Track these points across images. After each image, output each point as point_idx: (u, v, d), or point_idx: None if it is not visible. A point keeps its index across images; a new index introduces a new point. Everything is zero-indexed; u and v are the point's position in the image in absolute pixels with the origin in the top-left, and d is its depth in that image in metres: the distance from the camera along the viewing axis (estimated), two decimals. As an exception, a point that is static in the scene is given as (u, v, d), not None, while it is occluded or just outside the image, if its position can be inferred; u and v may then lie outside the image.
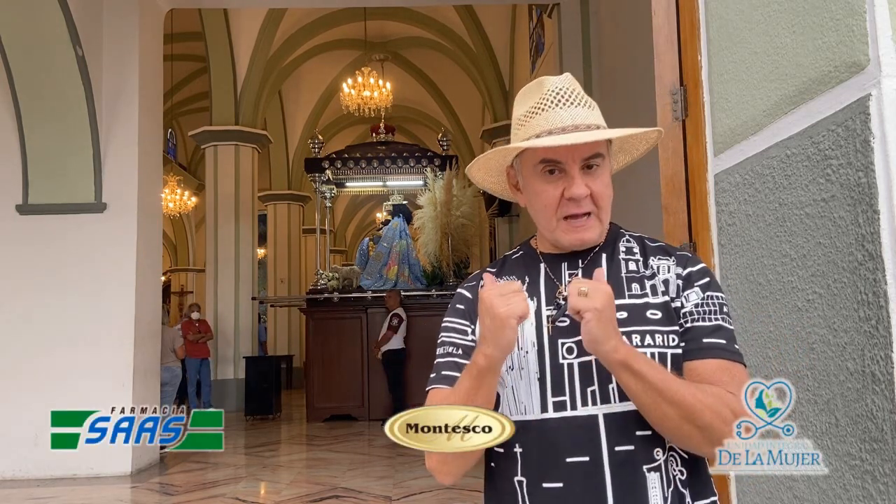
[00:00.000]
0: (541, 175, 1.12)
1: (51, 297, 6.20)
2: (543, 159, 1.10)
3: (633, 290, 1.10)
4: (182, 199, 15.11)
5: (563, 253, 1.17)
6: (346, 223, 23.20)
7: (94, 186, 6.34)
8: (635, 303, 1.09)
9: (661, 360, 1.05)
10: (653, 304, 1.09)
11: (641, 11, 3.75)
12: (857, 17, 1.19)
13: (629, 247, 1.17)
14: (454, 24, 12.58)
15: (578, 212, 1.10)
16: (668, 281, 1.11)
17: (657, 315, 1.08)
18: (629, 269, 1.13)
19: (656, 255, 1.14)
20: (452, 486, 5.19)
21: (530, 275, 1.17)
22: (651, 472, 1.02)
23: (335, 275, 10.18)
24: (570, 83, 1.13)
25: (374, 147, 11.01)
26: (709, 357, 1.05)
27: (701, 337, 1.06)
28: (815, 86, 1.32)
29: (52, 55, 5.89)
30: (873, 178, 1.15)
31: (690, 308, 1.09)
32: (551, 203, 1.11)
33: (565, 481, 1.03)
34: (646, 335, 1.06)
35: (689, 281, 1.11)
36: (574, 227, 1.11)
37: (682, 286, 1.10)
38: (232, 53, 11.74)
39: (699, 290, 1.10)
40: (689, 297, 1.09)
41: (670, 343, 1.07)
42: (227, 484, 5.62)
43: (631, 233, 1.20)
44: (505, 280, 1.13)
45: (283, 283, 14.86)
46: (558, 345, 1.08)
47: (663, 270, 1.12)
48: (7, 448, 5.97)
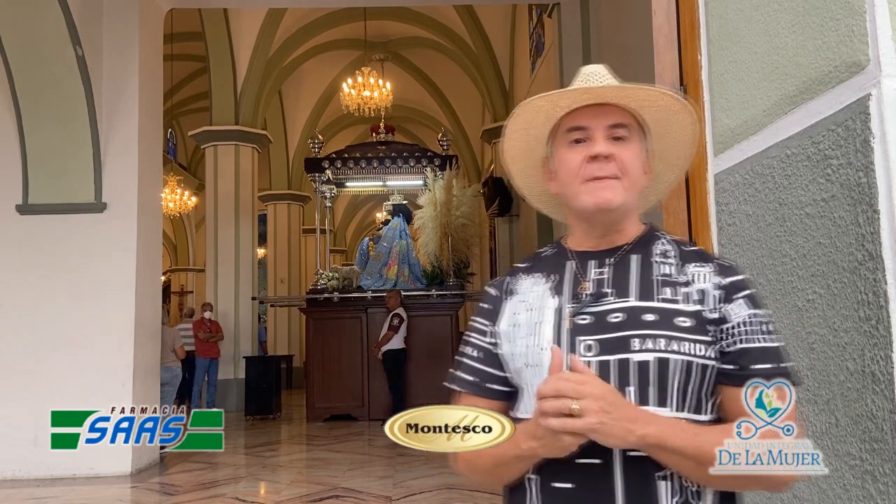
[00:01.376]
0: (567, 145, 1.12)
1: (51, 297, 6.20)
2: (570, 127, 1.11)
3: (664, 294, 1.06)
4: (182, 199, 15.11)
5: (592, 251, 1.14)
6: (346, 223, 23.19)
7: (94, 186, 6.34)
8: (665, 307, 1.05)
9: (686, 368, 1.01)
10: (684, 311, 1.04)
11: (641, 11, 3.75)
12: (857, 17, 1.19)
13: (664, 250, 1.12)
14: (454, 24, 12.58)
15: (600, 174, 1.08)
16: (706, 291, 1.05)
17: (686, 322, 1.03)
18: (662, 273, 1.09)
19: (694, 261, 1.09)
20: (452, 486, 5.20)
21: (558, 272, 1.15)
22: (661, 481, 1.00)
23: (335, 275, 10.17)
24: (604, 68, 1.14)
25: (374, 147, 11.00)
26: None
27: (749, 364, 1.01)
28: (815, 86, 1.32)
29: (52, 55, 5.89)
30: (873, 178, 1.15)
31: (736, 325, 1.03)
32: (574, 167, 1.10)
33: (575, 482, 1.02)
34: (672, 341, 1.02)
35: (729, 292, 1.05)
36: (597, 186, 1.08)
37: (722, 297, 1.05)
38: (232, 53, 11.74)
39: (744, 304, 1.04)
40: (733, 311, 1.04)
41: (697, 352, 1.02)
42: (227, 484, 5.62)
43: (669, 236, 1.16)
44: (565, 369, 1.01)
45: (283, 283, 14.85)
46: (577, 342, 1.05)
47: (700, 279, 1.07)
48: (7, 448, 5.97)
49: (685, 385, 1.02)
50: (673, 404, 1.01)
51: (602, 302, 1.07)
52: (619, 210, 1.10)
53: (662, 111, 1.14)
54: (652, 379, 1.01)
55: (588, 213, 1.11)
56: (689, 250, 1.12)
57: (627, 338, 1.03)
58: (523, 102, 1.14)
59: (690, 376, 1.02)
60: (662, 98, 1.12)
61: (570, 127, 1.12)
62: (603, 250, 1.13)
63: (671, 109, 1.13)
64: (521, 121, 1.16)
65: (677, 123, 1.15)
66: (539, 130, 1.17)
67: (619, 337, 1.04)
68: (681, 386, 1.01)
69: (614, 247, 1.13)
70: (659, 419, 0.97)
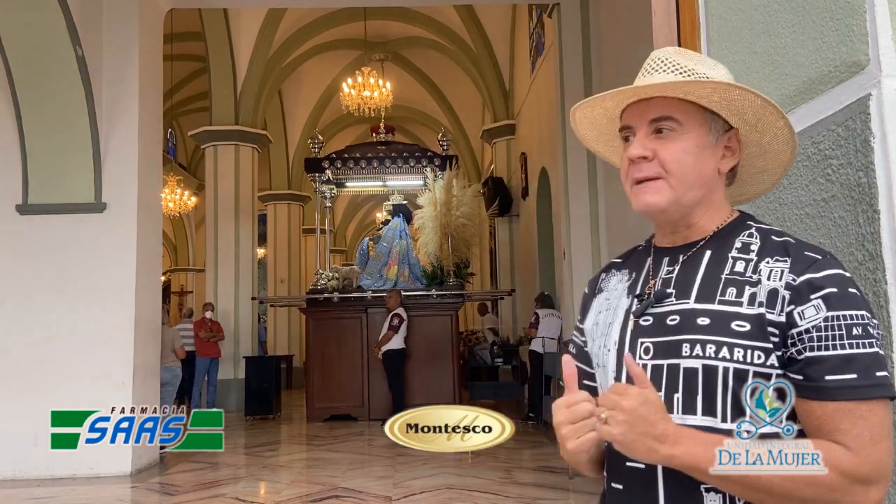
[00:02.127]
0: (622, 143, 1.09)
1: (51, 297, 6.20)
2: (621, 126, 1.09)
3: (726, 296, 0.97)
4: (182, 199, 15.11)
5: (669, 247, 1.08)
6: (346, 223, 23.20)
7: (94, 186, 6.34)
8: (723, 310, 0.96)
9: (739, 377, 0.93)
10: (743, 314, 0.94)
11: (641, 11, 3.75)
12: (857, 17, 1.19)
13: (747, 243, 1.01)
14: (454, 24, 12.58)
15: (639, 176, 1.03)
16: (776, 291, 0.93)
17: (744, 327, 0.94)
18: (734, 270, 0.98)
19: (773, 255, 0.97)
20: (452, 486, 5.20)
21: (637, 269, 1.12)
22: (711, 493, 0.93)
23: (335, 275, 10.17)
24: (667, 53, 1.06)
25: (374, 147, 11.00)
26: (828, 399, 0.88)
27: (822, 374, 0.89)
28: (815, 86, 1.32)
29: (52, 55, 5.89)
30: (873, 178, 1.15)
31: (806, 329, 0.90)
32: (624, 167, 1.07)
33: (625, 484, 1.01)
34: (723, 346, 0.94)
35: (800, 292, 0.92)
36: (639, 189, 1.03)
37: (791, 298, 0.92)
38: (232, 53, 11.74)
39: (821, 305, 0.90)
40: (805, 314, 0.91)
41: (755, 360, 0.93)
42: (227, 484, 5.62)
43: (762, 226, 1.03)
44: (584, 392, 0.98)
45: (283, 283, 14.85)
46: (637, 344, 1.02)
47: (773, 277, 0.95)
48: (7, 448, 5.97)
49: (739, 395, 0.93)
50: (723, 415, 0.94)
51: (664, 303, 1.02)
52: (670, 210, 1.04)
53: (727, 101, 1.03)
54: (699, 387, 0.96)
55: (650, 217, 1.08)
56: (775, 241, 0.99)
57: (679, 342, 0.98)
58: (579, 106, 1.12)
59: (744, 385, 0.93)
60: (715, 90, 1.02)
61: (622, 125, 1.09)
62: (678, 246, 1.07)
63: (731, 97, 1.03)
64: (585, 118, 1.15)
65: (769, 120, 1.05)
66: (608, 124, 1.15)
67: (672, 341, 0.99)
68: (734, 396, 0.94)
69: (689, 242, 1.06)
70: (695, 438, 0.90)
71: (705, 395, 0.95)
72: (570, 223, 7.90)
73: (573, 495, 4.94)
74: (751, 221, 1.05)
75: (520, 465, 6.20)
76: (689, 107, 1.03)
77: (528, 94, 11.29)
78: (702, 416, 0.95)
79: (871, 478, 0.85)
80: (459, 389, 9.73)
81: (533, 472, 5.89)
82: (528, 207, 11.52)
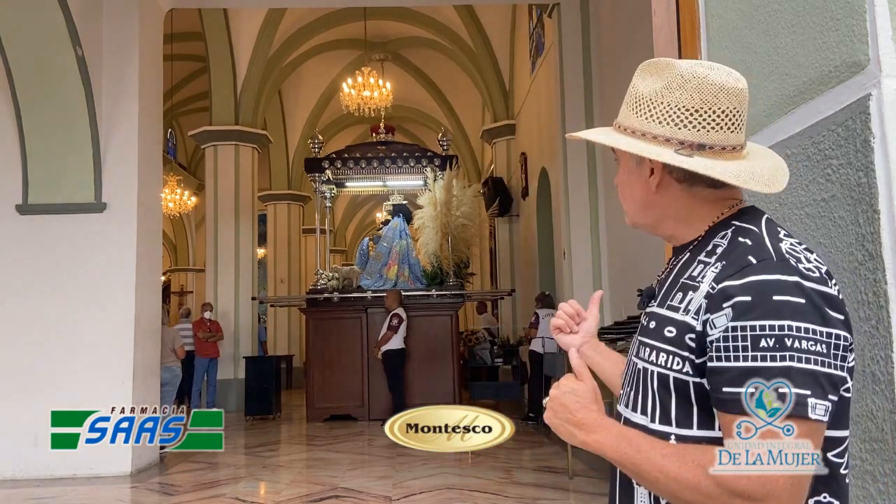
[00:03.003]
0: None
1: (51, 297, 6.20)
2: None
3: (673, 301, 0.99)
4: (182, 199, 15.11)
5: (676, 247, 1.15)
6: (346, 223, 23.19)
7: (94, 186, 6.34)
8: (663, 315, 1.00)
9: (663, 382, 0.97)
10: (675, 319, 0.97)
11: (641, 11, 3.75)
12: (857, 17, 1.19)
13: (717, 244, 0.99)
14: (454, 24, 12.58)
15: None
16: (697, 297, 0.95)
17: (672, 333, 0.97)
18: (690, 275, 0.99)
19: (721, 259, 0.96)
20: (452, 486, 5.19)
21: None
22: (640, 487, 1.01)
23: (335, 275, 10.17)
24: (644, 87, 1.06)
25: (374, 147, 11.00)
26: (724, 410, 0.88)
27: (720, 385, 0.88)
28: (815, 86, 1.32)
29: (52, 55, 5.89)
30: (873, 178, 1.15)
31: (715, 339, 0.89)
32: None
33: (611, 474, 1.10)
34: (653, 351, 1.00)
35: (715, 301, 0.90)
36: None
37: (707, 306, 0.92)
38: (232, 53, 11.74)
39: (729, 314, 0.88)
40: (716, 323, 0.89)
41: (674, 366, 0.95)
42: (227, 484, 5.62)
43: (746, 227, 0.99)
44: None
45: (283, 283, 14.86)
46: (637, 343, 1.07)
47: (706, 281, 0.94)
48: (7, 448, 5.97)
49: (665, 399, 0.97)
50: (652, 416, 0.99)
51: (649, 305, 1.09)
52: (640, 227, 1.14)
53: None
54: (640, 388, 1.03)
55: None
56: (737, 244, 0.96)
57: (639, 344, 1.06)
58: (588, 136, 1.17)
59: (668, 390, 0.97)
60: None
61: None
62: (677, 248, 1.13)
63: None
64: None
65: None
66: None
67: (637, 342, 1.07)
68: (661, 399, 0.98)
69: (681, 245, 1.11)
70: (609, 429, 0.96)
71: (642, 395, 1.02)
72: (570, 223, 7.90)
73: (573, 495, 4.94)
74: (736, 222, 1.01)
75: (520, 465, 6.20)
76: None
77: (528, 94, 11.30)
78: (640, 414, 1.02)
79: (753, 494, 0.83)
80: (459, 389, 9.73)
81: (533, 472, 5.89)
82: (528, 207, 11.52)
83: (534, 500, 4.74)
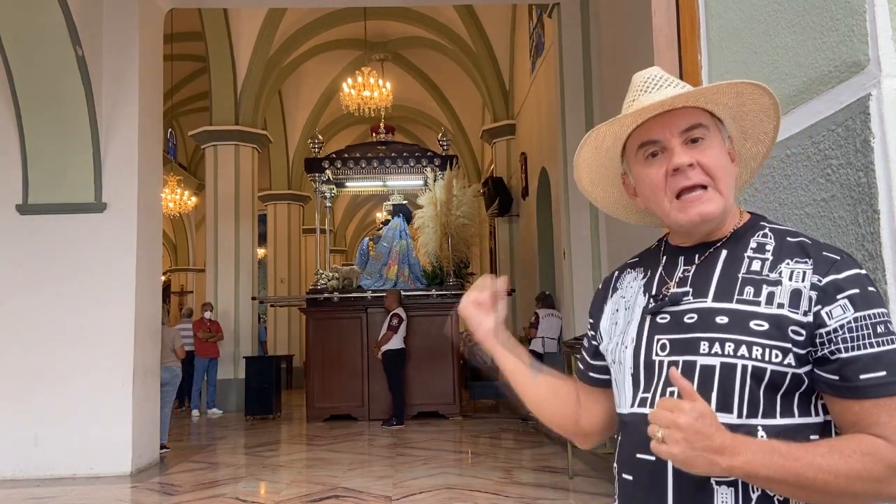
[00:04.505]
0: (643, 162, 1.08)
1: (51, 297, 6.20)
2: (641, 143, 1.07)
3: (744, 295, 0.99)
4: (182, 199, 15.11)
5: (685, 246, 1.10)
6: (346, 223, 23.20)
7: (94, 186, 6.33)
8: (741, 309, 0.98)
9: (757, 376, 0.95)
10: (762, 313, 0.97)
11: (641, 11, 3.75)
12: (857, 17, 1.19)
13: (762, 243, 1.03)
14: (454, 24, 12.58)
15: (688, 184, 1.03)
16: (800, 292, 0.96)
17: (762, 326, 0.96)
18: (750, 269, 1.01)
19: (791, 256, 0.99)
20: (452, 486, 5.20)
21: (652, 269, 1.14)
22: (722, 486, 0.95)
23: (335, 275, 10.18)
24: (657, 71, 1.10)
25: (374, 147, 11.00)
26: (865, 397, 0.91)
27: (856, 374, 0.91)
28: (815, 85, 1.32)
29: (52, 55, 5.89)
30: (873, 178, 1.15)
31: (834, 329, 0.93)
32: (658, 183, 1.05)
33: (634, 475, 1.04)
34: (741, 345, 0.96)
35: (826, 293, 0.94)
36: (688, 201, 1.03)
37: (818, 298, 0.94)
38: (232, 53, 11.74)
39: (847, 305, 0.93)
40: (833, 313, 0.93)
41: (773, 359, 0.95)
42: (227, 484, 5.62)
43: (776, 226, 1.06)
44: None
45: (283, 283, 14.86)
46: (654, 341, 1.05)
47: (795, 278, 0.97)
48: (7, 448, 5.97)
49: (755, 392, 0.96)
50: (739, 411, 0.96)
51: (682, 301, 1.04)
52: (720, 217, 1.06)
53: (734, 96, 1.08)
54: (715, 384, 0.97)
55: (685, 230, 1.08)
56: (791, 242, 1.01)
57: (697, 340, 1.00)
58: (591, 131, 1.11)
59: (761, 384, 0.95)
60: (729, 87, 1.07)
61: (642, 142, 1.07)
62: (695, 246, 1.09)
63: (741, 92, 1.08)
64: (589, 147, 1.14)
65: (752, 101, 1.10)
66: (610, 150, 1.14)
67: (690, 338, 1.01)
68: (751, 393, 0.96)
69: (706, 242, 1.08)
70: (751, 446, 0.89)
71: (721, 391, 0.97)
72: (570, 223, 7.90)
73: (573, 495, 4.93)
74: (764, 222, 1.08)
75: (520, 465, 6.20)
76: (705, 114, 1.07)
77: (528, 94, 11.30)
78: (716, 412, 0.94)
79: None
80: (459, 389, 9.73)
81: (533, 472, 5.89)
82: (528, 207, 11.52)
83: (534, 500, 4.74)
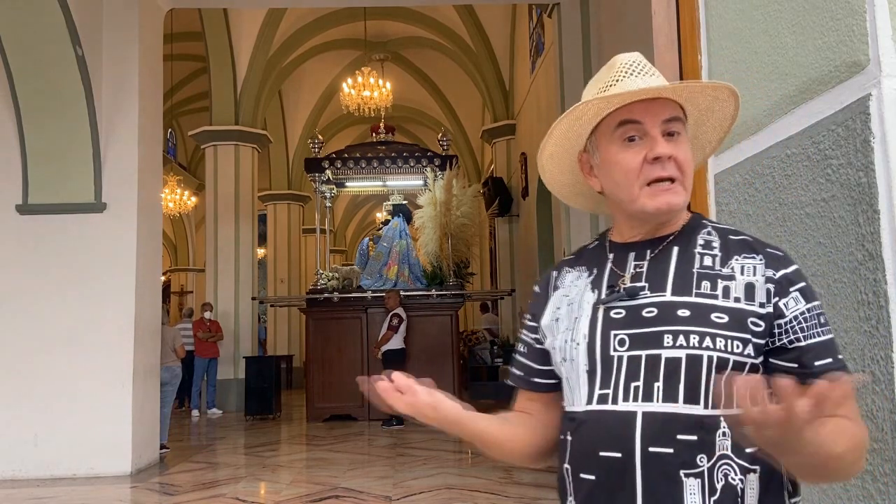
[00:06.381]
0: (620, 143, 1.07)
1: (51, 297, 6.19)
2: (622, 121, 1.06)
3: (701, 289, 1.02)
4: (182, 199, 15.11)
5: (633, 242, 1.11)
6: (346, 223, 23.20)
7: (94, 186, 6.33)
8: (701, 302, 1.01)
9: (720, 367, 0.98)
10: (721, 306, 1.00)
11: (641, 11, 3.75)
12: (857, 17, 1.19)
13: (708, 240, 1.07)
14: (454, 24, 12.58)
15: (663, 174, 1.05)
16: (753, 285, 1.01)
17: (722, 319, 0.99)
18: (703, 265, 1.04)
19: (739, 252, 1.04)
20: (452, 486, 5.20)
21: (599, 266, 1.13)
22: (690, 478, 0.96)
23: (335, 275, 10.17)
24: (643, 58, 1.10)
25: (374, 147, 11.00)
26: None
27: (812, 360, 0.97)
28: (815, 85, 1.32)
29: (52, 55, 5.89)
30: (873, 178, 1.15)
31: (791, 320, 0.99)
32: (633, 168, 1.05)
33: (597, 475, 1.02)
34: (706, 337, 0.99)
35: (782, 286, 1.00)
36: (660, 190, 1.05)
37: (775, 291, 1.00)
38: (232, 53, 11.74)
39: (799, 297, 1.00)
40: (788, 305, 0.99)
41: (734, 350, 0.98)
42: (227, 484, 5.62)
43: (715, 224, 1.11)
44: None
45: (283, 283, 14.86)
46: (610, 336, 1.04)
47: (746, 272, 1.02)
48: (7, 448, 5.97)
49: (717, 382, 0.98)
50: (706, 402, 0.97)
51: (638, 296, 1.05)
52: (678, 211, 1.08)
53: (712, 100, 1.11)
54: (682, 377, 0.98)
55: (647, 217, 1.08)
56: (735, 240, 1.06)
57: (660, 333, 1.01)
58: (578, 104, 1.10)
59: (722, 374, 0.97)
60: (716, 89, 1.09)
61: (622, 120, 1.07)
62: (644, 241, 1.10)
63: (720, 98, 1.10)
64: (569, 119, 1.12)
65: (720, 111, 1.12)
66: (584, 127, 1.12)
67: (652, 332, 1.01)
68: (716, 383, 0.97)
69: (655, 238, 1.10)
70: None
71: (688, 384, 0.98)
72: (570, 223, 7.89)
73: (573, 495, 4.93)
74: (705, 220, 1.12)
75: (520, 465, 6.19)
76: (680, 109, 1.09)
77: (528, 94, 11.29)
78: (683, 403, 0.98)
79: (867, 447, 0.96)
80: (459, 389, 9.73)
81: (533, 472, 5.88)
82: (528, 207, 11.52)
83: (534, 500, 4.74)
